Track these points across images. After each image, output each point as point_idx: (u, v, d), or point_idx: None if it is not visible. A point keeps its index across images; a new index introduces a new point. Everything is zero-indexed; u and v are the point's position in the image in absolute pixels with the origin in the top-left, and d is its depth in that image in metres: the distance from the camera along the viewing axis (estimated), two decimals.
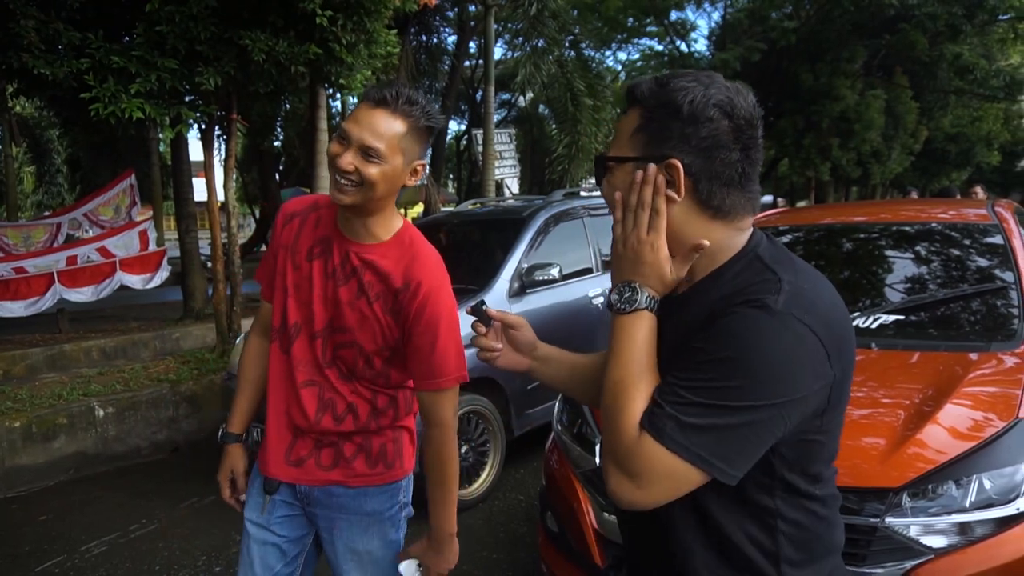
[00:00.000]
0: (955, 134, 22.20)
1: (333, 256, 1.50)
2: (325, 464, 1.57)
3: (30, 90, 6.32)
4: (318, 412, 1.53)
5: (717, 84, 0.94)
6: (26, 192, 23.41)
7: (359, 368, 1.52)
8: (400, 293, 1.46)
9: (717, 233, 0.96)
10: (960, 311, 2.60)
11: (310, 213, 1.56)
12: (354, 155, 1.37)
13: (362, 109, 1.40)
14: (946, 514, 1.68)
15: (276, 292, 1.56)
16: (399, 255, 1.49)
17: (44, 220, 9.50)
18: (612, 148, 1.01)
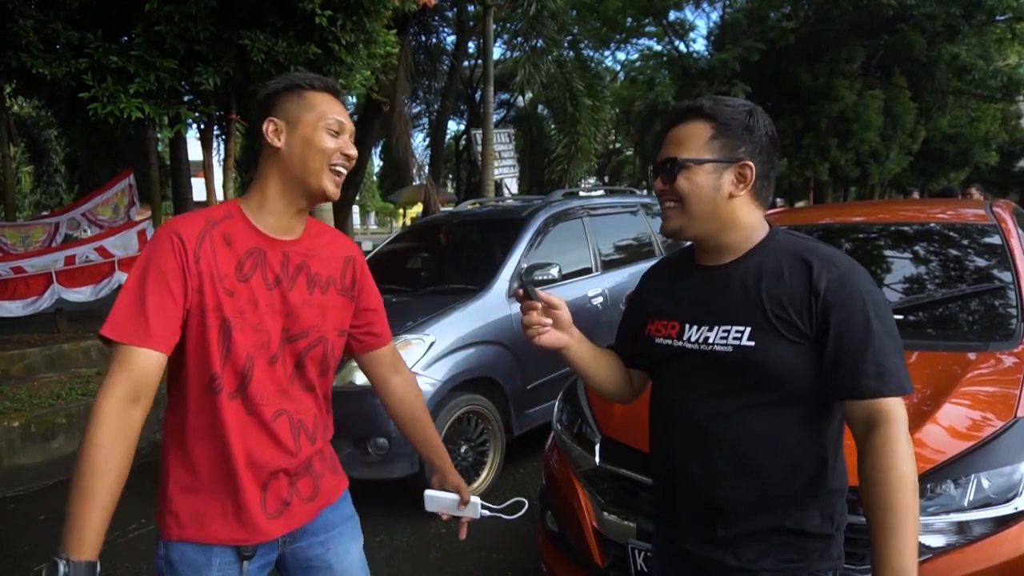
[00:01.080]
0: (953, 134, 22.23)
1: (270, 264, 1.38)
2: (307, 496, 1.46)
3: (28, 90, 6.32)
4: (295, 439, 1.41)
5: (761, 109, 1.30)
6: (24, 192, 23.39)
7: (322, 370, 1.47)
8: (347, 268, 1.51)
9: (757, 218, 1.30)
10: (958, 311, 2.61)
11: (211, 231, 1.33)
12: (350, 144, 1.41)
13: (331, 98, 1.41)
14: (944, 513, 1.69)
15: (209, 333, 1.30)
16: (323, 237, 1.52)
17: (42, 220, 9.49)
18: (683, 152, 1.28)
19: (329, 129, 1.37)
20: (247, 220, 1.39)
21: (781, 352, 1.20)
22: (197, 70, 5.14)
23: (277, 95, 1.40)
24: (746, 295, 1.25)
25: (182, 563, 1.36)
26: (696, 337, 1.29)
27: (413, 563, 3.25)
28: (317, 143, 1.36)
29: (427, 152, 19.41)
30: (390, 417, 1.69)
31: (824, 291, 1.19)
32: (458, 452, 3.82)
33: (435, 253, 5.48)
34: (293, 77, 1.42)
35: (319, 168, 1.37)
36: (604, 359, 1.49)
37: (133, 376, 1.22)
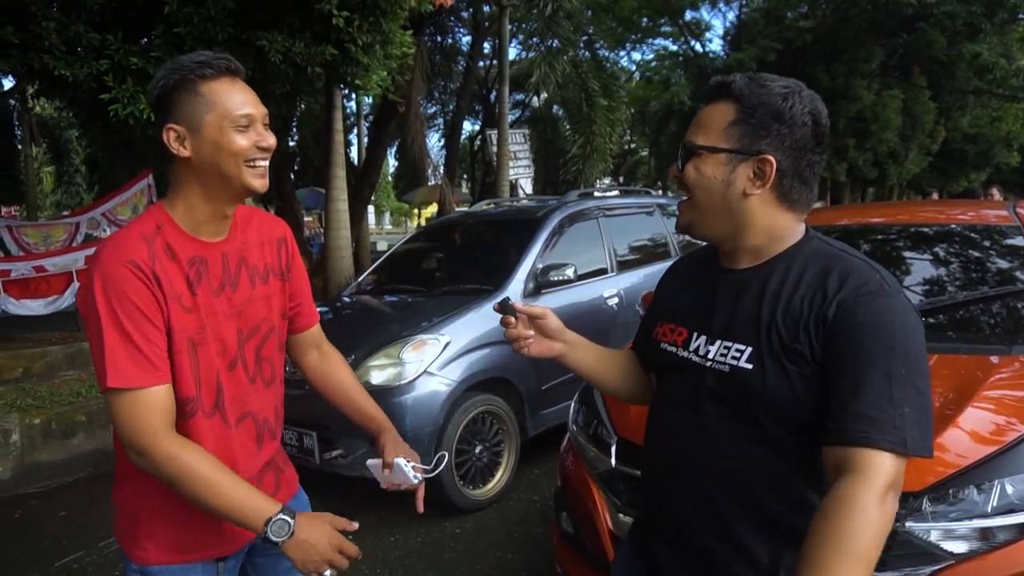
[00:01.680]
0: (974, 134, 21.96)
1: (211, 271, 1.32)
2: (271, 491, 1.43)
3: (50, 91, 6.39)
4: (259, 440, 1.42)
5: (806, 91, 1.09)
6: (46, 192, 23.74)
7: (278, 352, 1.47)
8: (280, 250, 1.48)
9: (786, 221, 1.12)
10: (980, 313, 2.57)
11: (152, 246, 1.25)
12: (265, 132, 1.29)
13: (231, 85, 1.26)
14: (967, 519, 1.66)
15: (179, 357, 1.26)
16: (252, 223, 1.44)
17: (63, 219, 9.61)
18: (700, 136, 1.12)
19: (237, 126, 1.24)
20: (179, 229, 1.29)
21: (777, 383, 1.03)
22: None
23: (169, 94, 1.24)
24: (754, 310, 1.09)
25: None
26: (702, 350, 1.15)
27: (427, 563, 3.26)
28: (227, 146, 1.24)
29: (442, 152, 19.50)
30: (322, 396, 1.63)
31: (833, 317, 1.00)
32: (473, 452, 3.82)
33: (450, 253, 5.49)
34: (181, 67, 1.24)
35: (236, 171, 1.26)
36: (614, 361, 1.39)
37: (162, 412, 1.22)
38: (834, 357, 0.99)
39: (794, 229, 1.13)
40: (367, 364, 3.57)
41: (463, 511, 3.74)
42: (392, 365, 3.61)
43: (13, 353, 6.05)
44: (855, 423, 0.93)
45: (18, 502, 4.22)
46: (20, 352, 6.10)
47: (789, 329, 1.04)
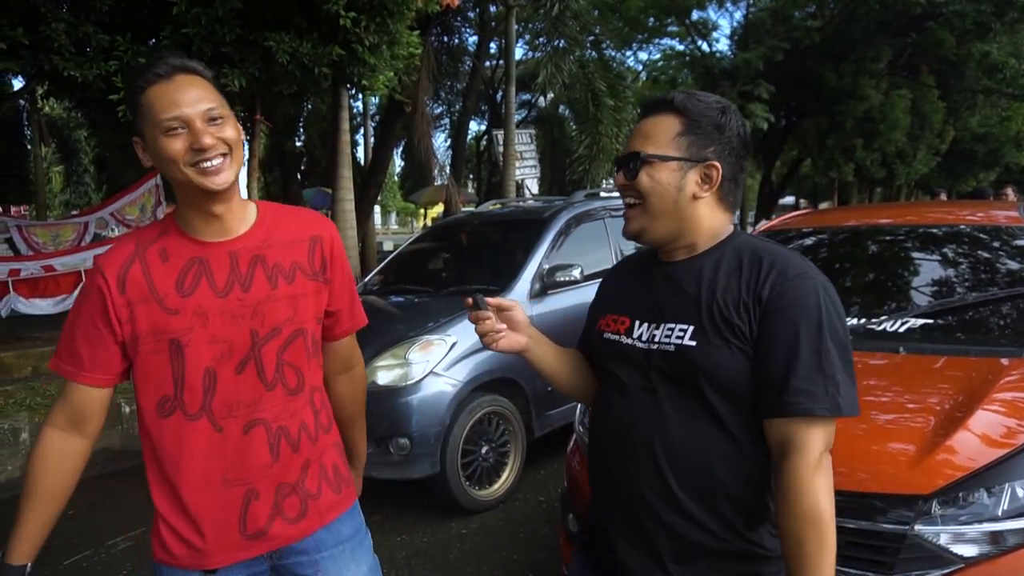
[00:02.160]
0: (983, 134, 21.84)
1: (215, 271, 1.29)
2: (292, 516, 1.36)
3: (60, 92, 6.44)
4: (272, 450, 1.33)
5: (735, 107, 1.25)
6: (54, 191, 23.87)
7: (308, 358, 1.38)
8: (313, 250, 1.39)
9: (723, 220, 1.26)
10: (990, 315, 2.55)
11: (144, 252, 1.29)
12: (203, 130, 1.21)
13: (164, 88, 1.21)
14: (977, 522, 1.65)
15: (150, 360, 1.27)
16: (282, 219, 1.39)
17: (72, 219, 9.67)
18: (650, 146, 1.22)
19: (167, 132, 1.20)
20: (181, 231, 1.31)
21: (721, 355, 1.13)
22: (223, 71, 5.21)
23: (131, 109, 1.26)
24: (694, 292, 1.20)
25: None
26: (645, 335, 1.24)
27: (434, 563, 3.26)
28: (163, 154, 1.21)
29: (448, 152, 19.49)
30: None
31: (767, 298, 1.12)
32: (479, 453, 3.82)
33: (456, 254, 5.49)
34: (131, 81, 1.25)
35: (182, 175, 1.23)
36: (568, 359, 1.43)
37: (69, 407, 1.30)
38: (768, 335, 1.12)
39: (727, 227, 1.27)
40: (373, 364, 3.58)
41: (469, 512, 3.74)
42: (398, 365, 3.61)
43: (23, 352, 6.08)
44: (795, 396, 1.07)
45: None
46: (29, 351, 6.14)
47: (730, 306, 1.15)
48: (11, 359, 5.96)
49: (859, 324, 2.53)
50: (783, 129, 20.15)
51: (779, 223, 3.62)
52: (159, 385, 1.28)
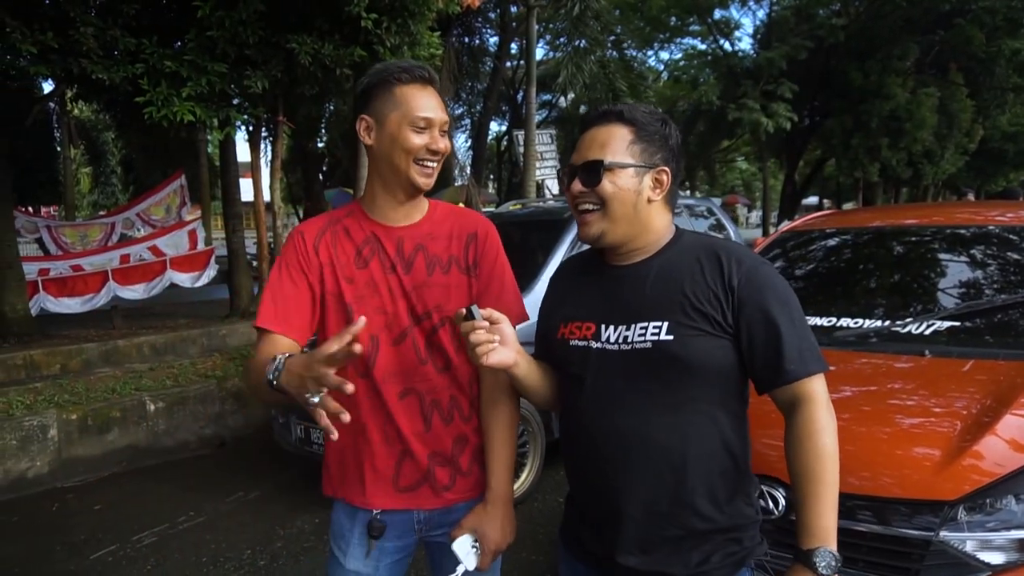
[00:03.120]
0: (1013, 133, 21.41)
1: (386, 251, 1.45)
2: (442, 484, 1.48)
3: (88, 94, 6.57)
4: (425, 419, 1.45)
5: (669, 118, 1.36)
6: (83, 192, 24.33)
7: (457, 347, 1.45)
8: (469, 246, 1.51)
9: (669, 220, 1.37)
10: (1020, 318, 2.50)
11: (334, 226, 1.49)
12: (440, 137, 1.41)
13: (420, 91, 1.40)
14: (1005, 530, 1.61)
15: (331, 318, 1.44)
16: (447, 217, 1.53)
17: (99, 220, 9.86)
18: (607, 154, 1.29)
19: (415, 126, 1.38)
20: (364, 214, 1.49)
21: (699, 345, 1.22)
22: (246, 73, 5.27)
23: (369, 91, 1.42)
24: (662, 291, 1.27)
25: (335, 521, 1.54)
26: (615, 337, 1.29)
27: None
28: (402, 142, 1.38)
29: (469, 153, 19.55)
30: None
31: (737, 286, 1.23)
32: None
33: None
34: (384, 70, 1.42)
35: (406, 166, 1.40)
36: (542, 371, 1.42)
37: (267, 350, 1.35)
38: (749, 320, 1.23)
39: (672, 226, 1.37)
40: None
41: None
42: None
43: (51, 350, 6.20)
44: (792, 365, 1.21)
45: (55, 495, 4.33)
46: (58, 349, 6.26)
47: (700, 298, 1.24)
48: (40, 357, 6.08)
49: (884, 326, 2.49)
50: (807, 129, 19.93)
51: (801, 223, 3.57)
52: None
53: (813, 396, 1.22)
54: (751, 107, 15.70)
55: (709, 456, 1.25)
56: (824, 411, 1.21)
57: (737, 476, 1.28)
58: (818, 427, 1.20)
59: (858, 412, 2.03)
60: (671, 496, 1.25)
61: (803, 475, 1.21)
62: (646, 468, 1.25)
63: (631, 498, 1.27)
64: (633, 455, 1.26)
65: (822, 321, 2.62)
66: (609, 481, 1.29)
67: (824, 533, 1.18)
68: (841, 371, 2.33)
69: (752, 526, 1.30)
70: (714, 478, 1.25)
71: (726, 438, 1.26)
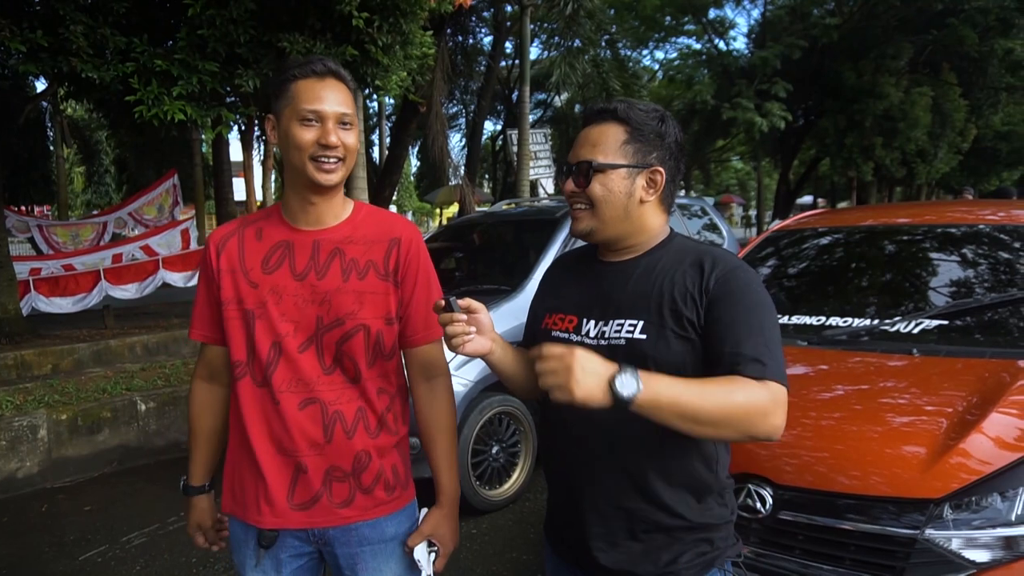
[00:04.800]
0: (1006, 132, 21.50)
1: (296, 255, 1.41)
2: (339, 501, 1.42)
3: (79, 93, 6.52)
4: (326, 431, 1.39)
5: (669, 114, 1.32)
6: (76, 191, 24.24)
7: (369, 359, 1.42)
8: (391, 251, 1.44)
9: (663, 221, 1.35)
10: (1008, 316, 2.50)
11: (243, 229, 1.46)
12: (332, 130, 1.34)
13: (314, 83, 1.34)
14: (990, 527, 1.62)
15: (230, 324, 1.41)
16: (370, 220, 1.48)
17: (91, 219, 9.82)
18: (599, 154, 1.27)
19: (304, 121, 1.33)
20: (281, 217, 1.46)
21: (671, 346, 1.20)
22: (238, 72, 5.24)
23: (273, 92, 1.39)
24: (642, 289, 1.26)
25: (233, 536, 1.53)
26: (594, 332, 1.28)
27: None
28: (291, 138, 1.34)
29: (463, 152, 19.51)
30: None
31: (712, 286, 1.20)
32: (489, 453, 3.82)
33: (470, 253, 5.48)
34: (284, 68, 1.39)
35: (301, 163, 1.34)
36: (521, 360, 1.42)
37: (204, 361, 1.54)
38: (717, 317, 1.18)
39: (666, 227, 1.35)
40: None
41: (479, 512, 3.74)
42: None
43: (42, 350, 6.17)
44: (749, 364, 1.12)
45: (45, 496, 4.30)
46: (49, 349, 6.22)
47: (678, 300, 1.22)
48: (31, 357, 6.05)
49: (873, 325, 2.49)
50: (801, 128, 19.96)
51: (793, 222, 3.58)
52: (236, 349, 1.42)
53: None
54: (745, 106, 15.72)
55: (679, 455, 1.23)
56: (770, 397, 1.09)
57: (709, 476, 1.27)
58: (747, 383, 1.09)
59: (849, 411, 2.03)
60: (639, 492, 1.24)
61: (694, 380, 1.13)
62: (614, 464, 1.26)
63: (600, 493, 1.27)
64: (603, 450, 1.26)
65: (812, 320, 2.63)
66: (580, 475, 1.30)
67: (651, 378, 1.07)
68: (830, 370, 2.33)
69: (725, 526, 1.30)
70: (684, 477, 1.24)
71: (697, 443, 1.24)
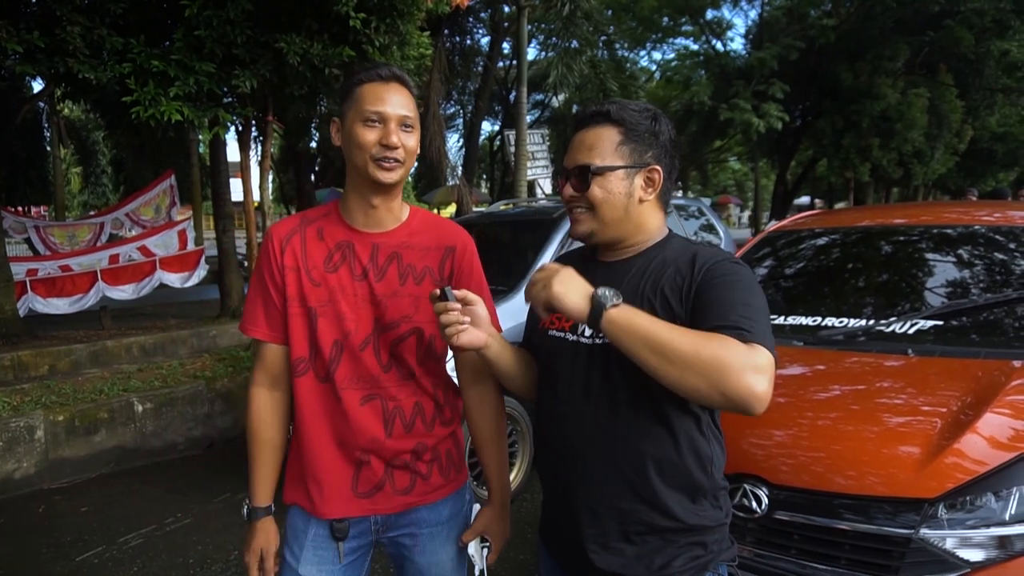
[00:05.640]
0: (1002, 133, 21.55)
1: (358, 256, 1.44)
2: (401, 488, 1.49)
3: (76, 94, 6.52)
4: (387, 425, 1.45)
5: (661, 112, 1.33)
6: (73, 192, 24.20)
7: (420, 359, 1.48)
8: (445, 259, 1.50)
9: (662, 220, 1.36)
10: (1004, 317, 2.51)
11: (305, 228, 1.48)
12: (394, 130, 1.38)
13: (379, 87, 1.39)
14: (984, 527, 1.62)
15: (293, 321, 1.44)
16: (427, 226, 1.51)
17: (88, 220, 9.80)
18: (596, 158, 1.28)
19: (367, 121, 1.37)
20: (340, 217, 1.48)
21: None
22: (235, 73, 5.24)
23: (340, 95, 1.44)
24: (637, 287, 1.27)
25: (290, 525, 1.54)
26: (590, 331, 1.28)
27: None
28: (354, 138, 1.38)
29: (461, 153, 19.53)
30: None
31: (699, 276, 1.21)
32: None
33: None
34: (353, 74, 1.43)
35: (363, 163, 1.38)
36: (519, 357, 1.45)
37: (264, 365, 1.50)
38: (703, 301, 1.18)
39: (664, 227, 1.37)
40: None
41: None
42: None
43: (39, 351, 6.16)
44: (731, 331, 1.08)
45: (42, 497, 4.30)
46: (46, 350, 6.21)
47: (666, 299, 1.23)
48: (28, 357, 6.04)
49: (869, 325, 2.50)
50: (798, 129, 19.99)
51: (790, 223, 3.58)
52: (298, 346, 1.44)
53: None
54: (743, 107, 15.74)
55: (672, 456, 1.23)
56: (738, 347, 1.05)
57: (703, 477, 1.26)
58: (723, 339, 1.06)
59: (845, 411, 2.04)
60: (633, 493, 1.24)
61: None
62: (608, 463, 1.25)
63: (593, 492, 1.27)
64: (596, 449, 1.26)
65: (808, 320, 2.64)
66: (573, 474, 1.30)
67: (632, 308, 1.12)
68: (827, 370, 2.34)
69: (719, 529, 1.29)
70: (678, 478, 1.24)
71: (692, 439, 1.24)
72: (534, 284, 1.16)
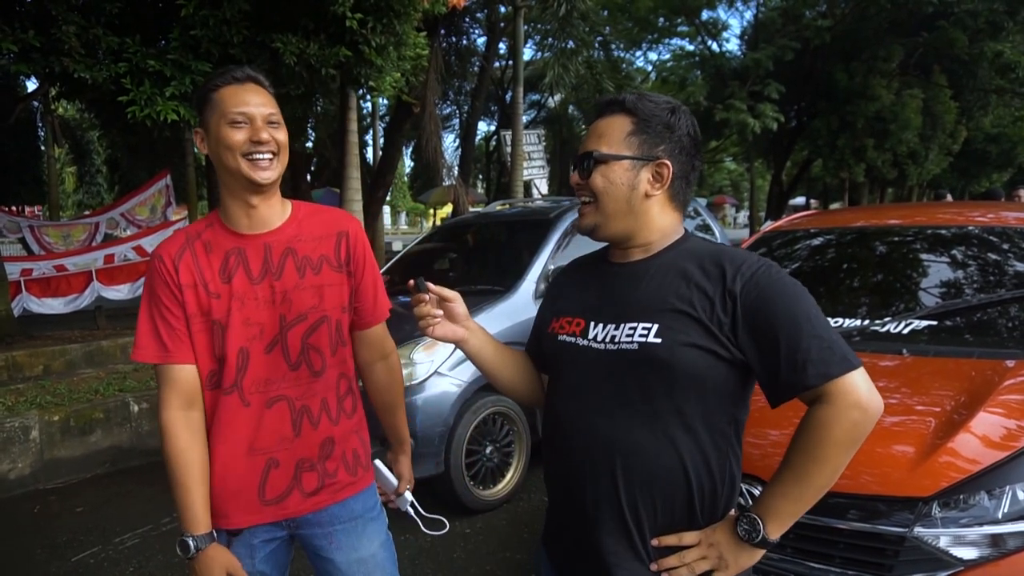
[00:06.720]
0: (996, 134, 21.63)
1: (249, 260, 1.45)
2: (309, 490, 1.51)
3: (71, 93, 6.48)
4: (295, 426, 1.48)
5: (685, 108, 1.27)
6: (67, 192, 24.10)
7: (333, 346, 1.51)
8: (340, 243, 1.53)
9: (675, 219, 1.28)
10: (997, 317, 2.53)
11: (193, 243, 1.46)
12: (262, 127, 1.40)
13: (236, 89, 1.40)
14: (978, 525, 1.64)
15: (197, 338, 1.43)
16: (314, 216, 1.54)
17: (83, 219, 9.76)
18: (603, 146, 1.24)
19: (233, 123, 1.38)
20: (224, 225, 1.48)
21: (687, 353, 1.14)
22: None
23: (198, 106, 1.44)
24: (656, 293, 1.20)
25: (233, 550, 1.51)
26: (602, 336, 1.22)
27: (437, 562, 3.27)
28: (223, 140, 1.38)
29: (457, 153, 19.53)
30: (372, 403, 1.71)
31: (740, 294, 1.13)
32: (484, 453, 3.82)
33: (463, 254, 5.49)
34: (205, 82, 1.45)
35: (235, 163, 1.39)
36: (511, 358, 1.44)
37: (178, 388, 1.43)
38: (761, 326, 1.12)
39: (679, 227, 1.29)
40: None
41: (473, 511, 3.75)
42: (403, 365, 3.62)
43: (34, 351, 6.14)
44: (810, 375, 1.07)
45: (37, 497, 4.29)
46: (41, 350, 6.19)
47: (696, 305, 1.16)
48: (23, 358, 6.02)
49: (864, 325, 2.52)
50: (793, 129, 20.04)
51: (786, 223, 3.60)
52: (206, 360, 1.45)
53: (833, 398, 1.08)
54: (738, 108, 15.77)
55: (683, 471, 1.17)
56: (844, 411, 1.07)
57: (713, 495, 1.19)
58: (822, 422, 1.08)
59: None
60: (641, 506, 1.18)
61: (786, 462, 1.14)
62: (616, 476, 1.19)
63: (599, 505, 1.21)
64: (605, 461, 1.20)
65: None
66: (580, 486, 1.24)
67: (767, 510, 1.14)
68: None
69: None
70: (687, 493, 1.18)
71: (706, 456, 1.17)
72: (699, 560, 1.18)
